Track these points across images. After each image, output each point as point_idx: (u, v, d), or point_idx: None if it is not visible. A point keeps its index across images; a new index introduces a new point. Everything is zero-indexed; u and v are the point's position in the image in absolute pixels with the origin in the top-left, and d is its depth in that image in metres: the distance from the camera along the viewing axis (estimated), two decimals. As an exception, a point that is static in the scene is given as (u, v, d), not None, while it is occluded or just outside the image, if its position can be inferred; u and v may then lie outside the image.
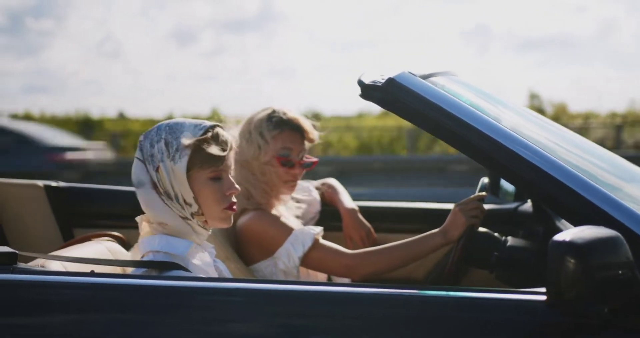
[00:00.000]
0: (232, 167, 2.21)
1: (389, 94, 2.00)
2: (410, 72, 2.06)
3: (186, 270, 2.07)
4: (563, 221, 2.58)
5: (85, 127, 24.65)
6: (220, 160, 2.14)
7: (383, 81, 2.01)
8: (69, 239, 3.29)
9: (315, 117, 2.97)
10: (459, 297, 1.81)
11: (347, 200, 3.23)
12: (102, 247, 2.43)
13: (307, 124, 2.92)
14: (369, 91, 2.03)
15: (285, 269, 2.77)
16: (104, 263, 2.12)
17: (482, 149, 1.93)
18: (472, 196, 2.67)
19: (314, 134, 2.93)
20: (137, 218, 2.20)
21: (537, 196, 1.91)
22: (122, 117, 28.05)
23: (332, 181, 3.36)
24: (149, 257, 2.12)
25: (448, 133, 1.98)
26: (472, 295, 1.81)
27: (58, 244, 3.24)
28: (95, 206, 3.38)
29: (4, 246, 2.01)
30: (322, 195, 3.29)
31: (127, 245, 2.76)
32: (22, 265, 1.97)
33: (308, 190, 3.24)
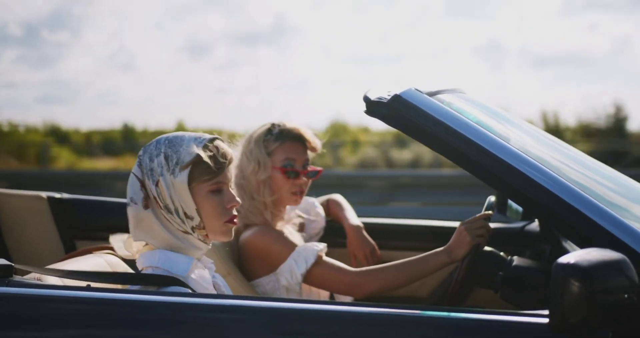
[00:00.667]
0: (233, 179, 2.18)
1: (394, 110, 1.97)
2: (416, 89, 2.03)
3: (185, 285, 2.04)
4: (570, 242, 2.55)
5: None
6: (221, 172, 2.11)
7: (389, 97, 1.98)
8: (70, 250, 3.27)
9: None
10: (459, 318, 1.77)
11: (352, 217, 3.19)
12: (101, 260, 2.40)
13: (308, 133, 2.89)
14: (374, 107, 2.00)
15: (288, 285, 2.74)
16: (101, 277, 2.09)
17: (487, 167, 1.89)
18: (478, 215, 2.63)
19: (317, 143, 2.91)
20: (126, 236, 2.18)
21: (542, 216, 1.88)
22: (126, 128, 28.14)
23: (337, 197, 3.33)
24: (147, 272, 2.09)
25: (453, 151, 1.95)
26: (473, 316, 1.77)
27: (60, 256, 3.22)
28: (98, 218, 3.36)
29: (1, 258, 1.98)
30: (326, 211, 3.26)
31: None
32: (18, 278, 1.94)
33: (312, 206, 3.21)
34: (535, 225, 3.21)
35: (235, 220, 2.14)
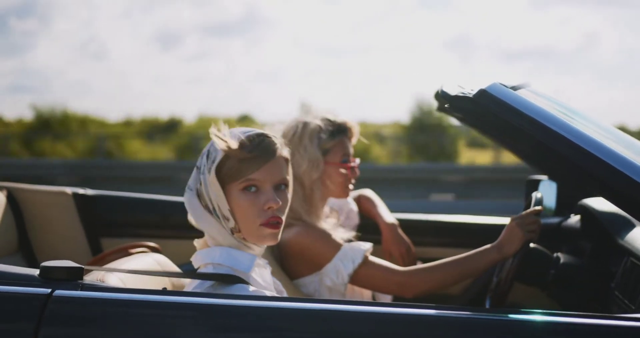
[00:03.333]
0: (282, 178, 2.02)
1: (480, 105, 1.90)
2: (500, 83, 1.96)
3: (248, 283, 1.95)
4: (628, 239, 2.48)
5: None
6: (253, 169, 1.96)
7: (474, 92, 1.91)
8: (95, 247, 3.18)
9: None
10: (566, 323, 1.70)
11: (386, 214, 3.12)
12: (151, 260, 2.31)
13: (356, 127, 2.83)
14: (457, 103, 1.93)
15: (332, 286, 2.66)
16: (170, 275, 2.01)
17: (579, 163, 1.83)
18: (528, 210, 2.58)
19: (357, 133, 2.87)
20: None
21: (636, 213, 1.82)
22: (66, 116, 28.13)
23: (368, 192, 3.25)
24: (208, 269, 1.99)
25: (540, 146, 1.88)
26: (583, 321, 1.70)
27: (85, 252, 3.13)
28: (123, 214, 3.27)
29: (66, 260, 1.88)
30: (359, 208, 3.19)
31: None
32: (87, 280, 1.85)
33: (346, 203, 3.13)
34: (573, 221, 3.16)
35: (274, 222, 1.97)
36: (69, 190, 3.14)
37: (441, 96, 1.97)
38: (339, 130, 2.77)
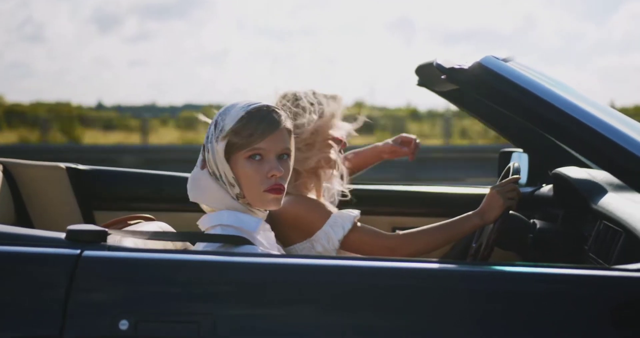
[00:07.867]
0: (285, 148, 2.19)
1: (475, 76, 2.05)
2: (493, 56, 2.11)
3: (254, 245, 2.09)
4: (601, 204, 2.66)
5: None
6: (259, 140, 2.11)
7: (469, 64, 2.06)
8: (89, 220, 3.27)
9: None
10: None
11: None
12: (157, 227, 2.44)
13: (342, 97, 2.95)
14: (453, 74, 2.07)
15: (323, 251, 2.79)
16: (185, 238, 2.15)
17: (572, 132, 1.99)
18: (507, 178, 2.74)
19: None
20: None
21: (631, 181, 1.99)
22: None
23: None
24: (216, 231, 2.13)
25: (534, 115, 2.04)
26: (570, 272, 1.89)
27: (79, 226, 3.22)
28: (116, 188, 3.37)
29: (90, 224, 2.00)
30: (353, 165, 3.32)
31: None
32: (110, 242, 1.97)
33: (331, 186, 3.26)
34: (545, 189, 3.34)
35: (277, 188, 2.15)
36: (62, 164, 3.23)
37: (437, 69, 2.11)
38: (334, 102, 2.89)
